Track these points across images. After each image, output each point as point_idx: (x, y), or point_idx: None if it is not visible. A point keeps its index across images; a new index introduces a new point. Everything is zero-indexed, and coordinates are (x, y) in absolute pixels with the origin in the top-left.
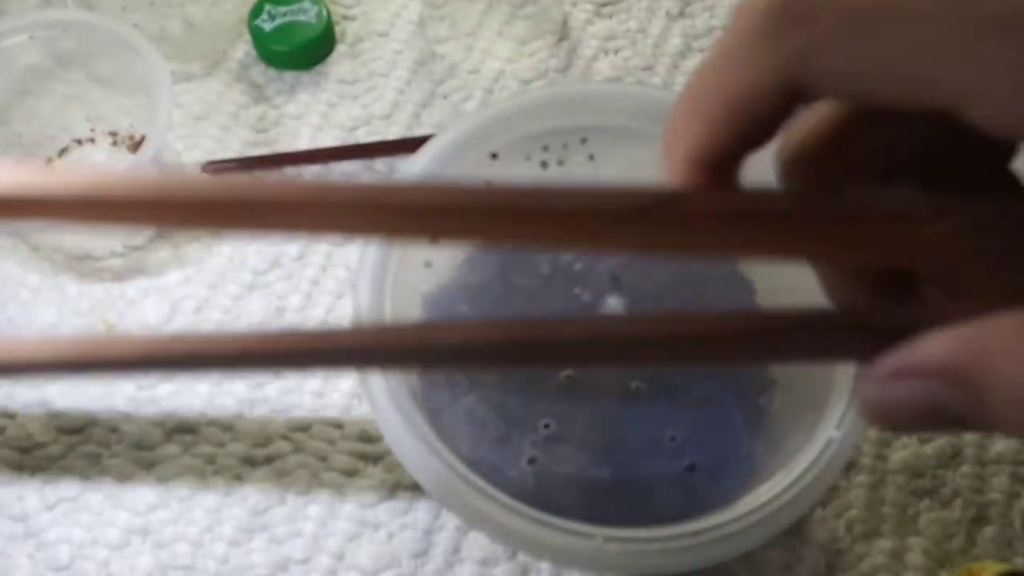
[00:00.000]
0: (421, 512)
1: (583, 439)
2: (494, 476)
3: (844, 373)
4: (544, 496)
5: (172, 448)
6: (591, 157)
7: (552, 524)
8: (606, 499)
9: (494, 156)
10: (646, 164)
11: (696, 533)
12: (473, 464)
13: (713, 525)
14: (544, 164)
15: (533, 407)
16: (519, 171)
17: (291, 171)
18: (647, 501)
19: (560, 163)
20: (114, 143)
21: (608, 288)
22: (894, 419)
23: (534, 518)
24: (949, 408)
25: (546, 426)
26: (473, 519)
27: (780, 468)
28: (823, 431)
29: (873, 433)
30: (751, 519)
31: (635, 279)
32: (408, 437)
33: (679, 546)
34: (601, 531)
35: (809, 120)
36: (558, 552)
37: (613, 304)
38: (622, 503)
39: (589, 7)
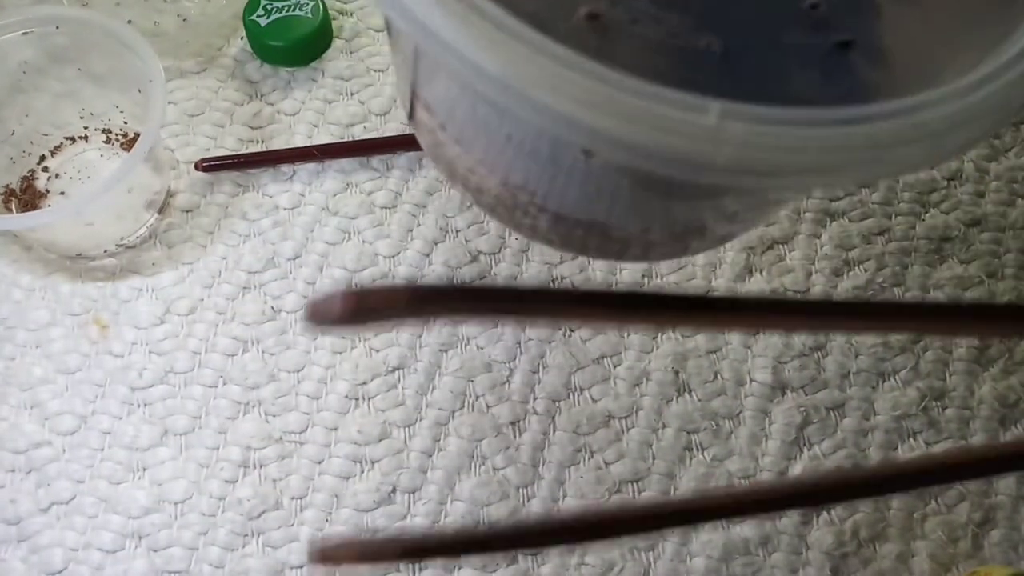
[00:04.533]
0: (419, 516)
1: None
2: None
3: None
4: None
5: (166, 451)
6: None
7: (640, 90)
8: (712, 82)
9: None
10: None
11: (885, 116)
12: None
13: (904, 107)
14: None
15: None
16: None
17: (286, 168)
18: (778, 87)
19: None
20: (107, 140)
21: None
22: None
23: (606, 76)
24: None
25: None
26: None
27: (980, 45)
28: None
29: (877, 434)
30: (962, 92)
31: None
32: None
33: (851, 133)
34: (716, 104)
35: None
36: (648, 134)
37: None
38: (738, 89)
39: None
